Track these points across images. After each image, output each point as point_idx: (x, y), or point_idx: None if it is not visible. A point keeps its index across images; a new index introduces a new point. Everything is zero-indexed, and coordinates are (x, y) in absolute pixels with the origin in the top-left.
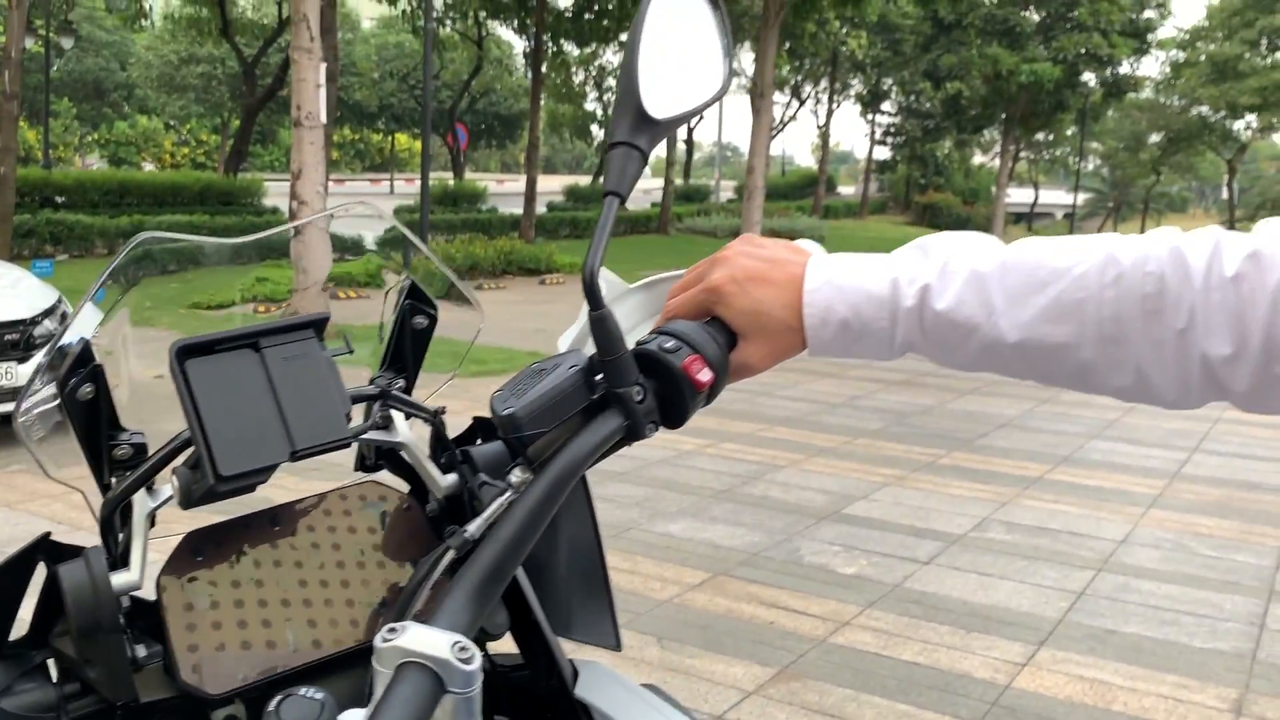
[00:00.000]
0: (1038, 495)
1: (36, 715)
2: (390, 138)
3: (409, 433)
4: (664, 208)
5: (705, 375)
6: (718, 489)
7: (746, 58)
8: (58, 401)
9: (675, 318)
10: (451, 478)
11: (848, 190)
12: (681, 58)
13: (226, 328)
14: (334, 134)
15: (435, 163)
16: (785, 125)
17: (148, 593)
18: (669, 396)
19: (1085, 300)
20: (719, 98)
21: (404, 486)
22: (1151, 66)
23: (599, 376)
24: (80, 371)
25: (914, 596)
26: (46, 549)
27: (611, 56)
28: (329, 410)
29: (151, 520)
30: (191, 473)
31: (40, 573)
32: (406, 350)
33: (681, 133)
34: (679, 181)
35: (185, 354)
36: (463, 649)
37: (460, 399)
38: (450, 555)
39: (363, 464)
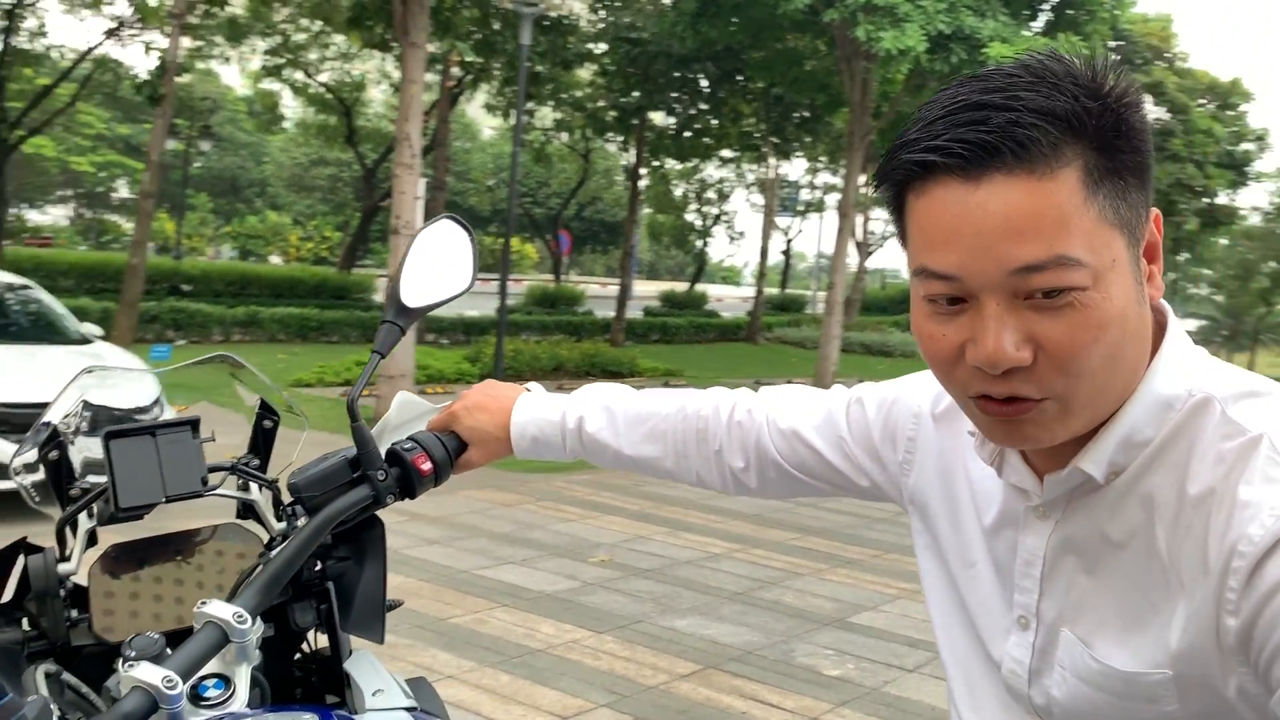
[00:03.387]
0: None
1: (12, 647)
2: (502, 241)
3: (259, 494)
4: (754, 316)
5: (426, 465)
6: (734, 591)
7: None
8: (38, 460)
9: (431, 429)
10: (283, 524)
11: None
12: (437, 265)
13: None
14: None
15: (542, 266)
16: (886, 241)
17: (81, 578)
18: (406, 478)
19: (666, 431)
20: (465, 292)
21: (260, 528)
22: (1259, 196)
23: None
24: (52, 442)
25: (888, 700)
26: (25, 546)
27: (713, 170)
28: (190, 475)
29: (93, 536)
30: (106, 505)
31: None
32: (260, 441)
33: (780, 243)
34: (774, 291)
35: (110, 436)
36: (240, 616)
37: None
38: (260, 566)
39: (238, 514)
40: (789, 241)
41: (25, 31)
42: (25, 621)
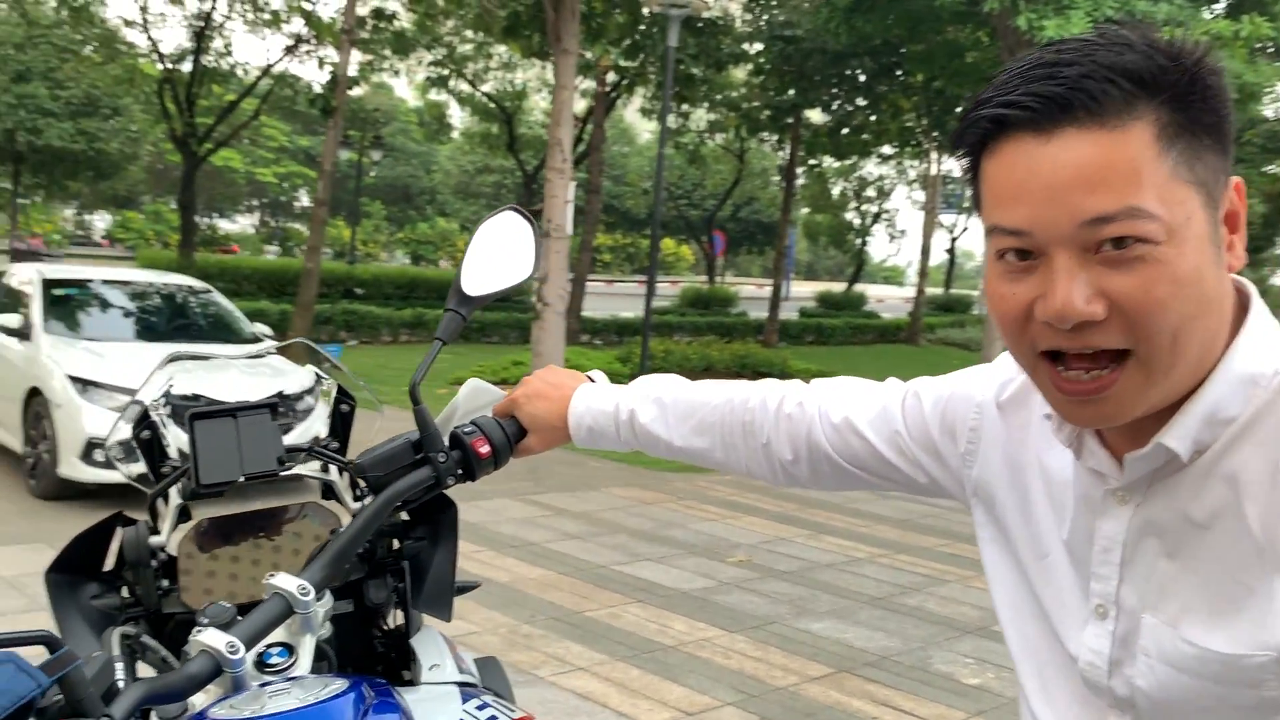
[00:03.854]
0: None
1: (109, 611)
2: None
3: (337, 475)
4: (915, 317)
5: (485, 449)
6: (874, 595)
7: None
8: (132, 439)
9: (496, 414)
10: (358, 504)
11: None
12: (499, 255)
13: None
14: (605, 239)
15: (698, 268)
16: None
17: (173, 550)
18: (466, 460)
19: (715, 423)
20: (525, 281)
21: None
22: None
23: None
24: (145, 422)
25: None
26: (121, 519)
27: (872, 168)
28: (267, 455)
29: (187, 511)
30: (189, 482)
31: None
32: (337, 424)
33: (944, 241)
34: (938, 291)
35: (194, 417)
36: (304, 588)
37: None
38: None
39: (322, 494)
40: (953, 240)
41: (213, 51)
42: (125, 589)
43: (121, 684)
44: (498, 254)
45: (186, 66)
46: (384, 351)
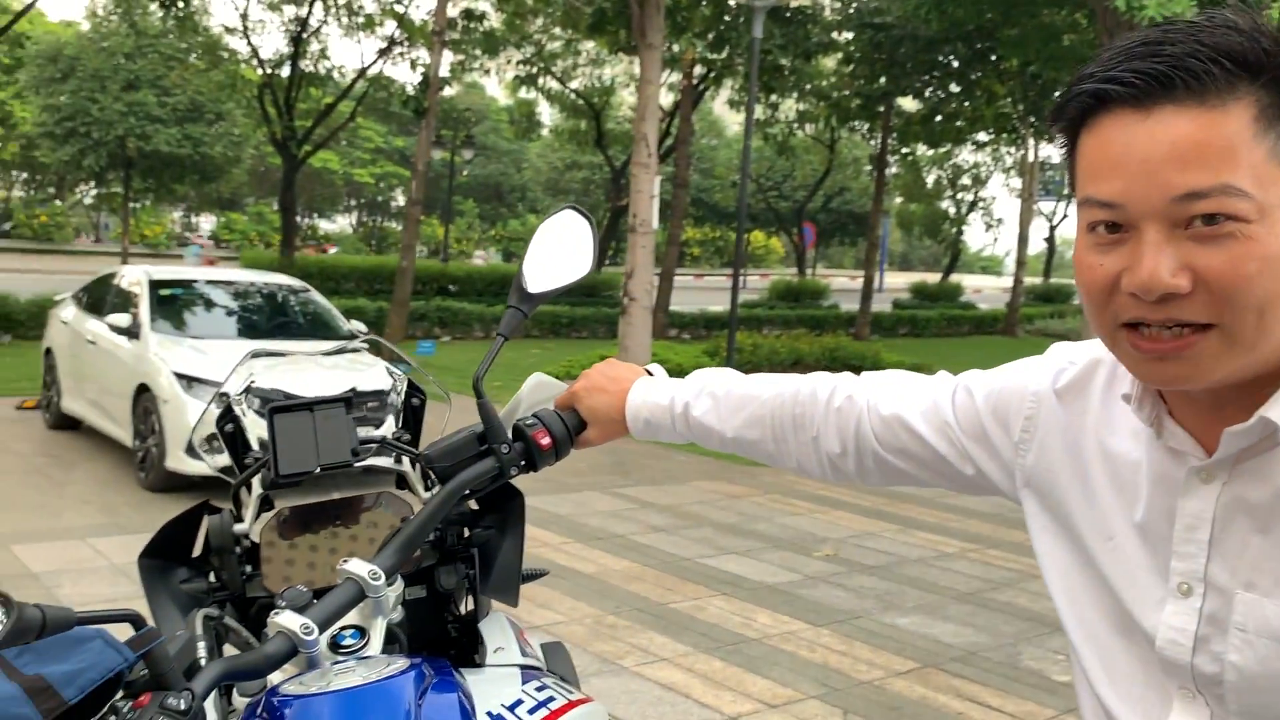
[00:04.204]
0: None
1: (198, 594)
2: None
3: (409, 466)
4: (1012, 308)
5: (545, 440)
6: (963, 591)
7: None
8: (217, 431)
9: (557, 407)
10: (429, 494)
11: None
12: (559, 253)
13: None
14: (694, 233)
15: (789, 260)
16: None
17: (257, 537)
18: (528, 452)
19: (765, 416)
20: (584, 278)
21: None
22: None
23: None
24: (228, 415)
25: None
26: (207, 507)
27: (967, 155)
28: (341, 447)
29: (269, 500)
30: (268, 473)
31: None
32: (409, 417)
33: (1042, 229)
34: (1037, 281)
35: (274, 410)
36: (375, 574)
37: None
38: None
39: (397, 484)
40: (1052, 228)
41: (310, 56)
42: (212, 574)
43: (204, 662)
44: (558, 252)
45: (285, 71)
46: (477, 346)
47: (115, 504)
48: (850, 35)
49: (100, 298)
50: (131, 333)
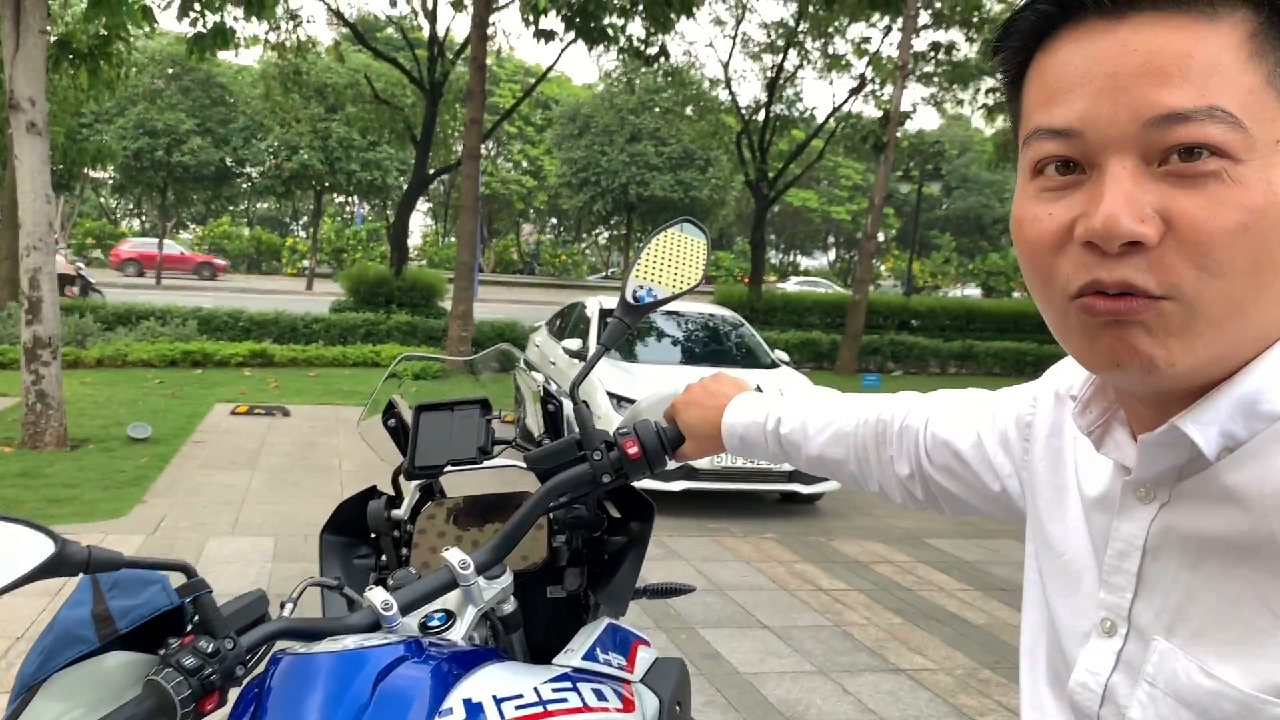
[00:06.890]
0: None
1: (369, 570)
2: None
3: None
4: None
5: (633, 450)
6: None
7: None
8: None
9: (663, 417)
10: None
11: None
12: (668, 265)
13: None
14: None
15: None
16: None
17: (410, 523)
18: (620, 461)
19: (848, 434)
20: (691, 291)
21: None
22: None
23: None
24: (391, 413)
25: None
26: (372, 492)
27: None
28: (470, 445)
29: (430, 490)
30: (407, 464)
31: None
32: (547, 422)
33: None
34: None
35: (420, 409)
36: (464, 564)
37: None
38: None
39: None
40: None
41: (784, 99)
42: (382, 554)
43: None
44: (668, 264)
45: (760, 116)
46: (927, 381)
47: None
48: None
49: (566, 324)
50: (581, 356)
